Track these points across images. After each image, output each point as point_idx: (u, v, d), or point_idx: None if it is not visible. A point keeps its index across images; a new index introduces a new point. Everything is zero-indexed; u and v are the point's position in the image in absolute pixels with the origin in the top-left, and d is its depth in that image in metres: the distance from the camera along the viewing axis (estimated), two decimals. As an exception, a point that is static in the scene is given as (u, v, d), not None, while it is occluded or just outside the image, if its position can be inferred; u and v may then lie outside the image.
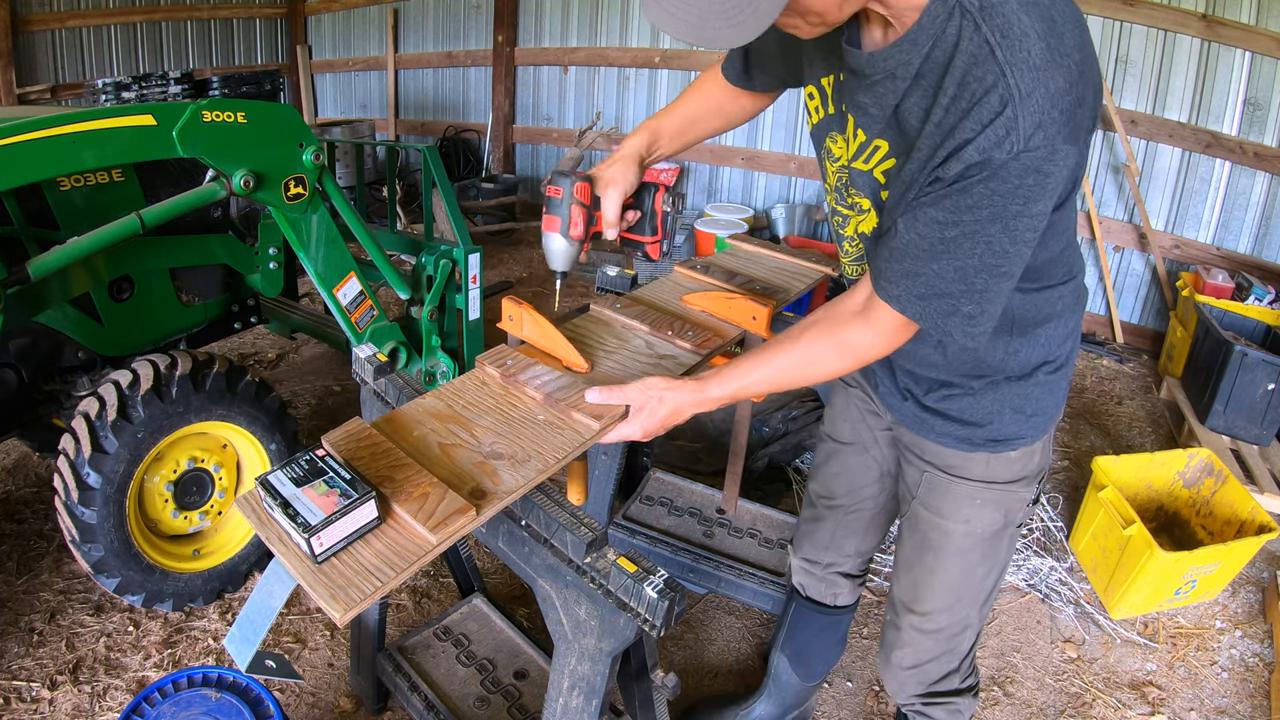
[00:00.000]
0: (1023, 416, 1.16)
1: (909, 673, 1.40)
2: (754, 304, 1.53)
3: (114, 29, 6.00)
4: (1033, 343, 1.12)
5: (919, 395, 1.20)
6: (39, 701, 1.85)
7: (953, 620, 1.33)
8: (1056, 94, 0.81)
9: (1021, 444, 1.18)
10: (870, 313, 1.01)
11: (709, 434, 2.94)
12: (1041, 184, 0.83)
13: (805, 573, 1.62)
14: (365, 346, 1.55)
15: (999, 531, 1.25)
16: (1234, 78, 3.81)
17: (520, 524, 1.21)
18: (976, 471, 1.20)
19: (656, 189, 1.30)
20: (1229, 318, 3.34)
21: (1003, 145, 0.82)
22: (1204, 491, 2.58)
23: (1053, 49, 0.81)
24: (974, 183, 0.84)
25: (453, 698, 1.69)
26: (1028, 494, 1.23)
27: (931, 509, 1.26)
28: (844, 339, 1.05)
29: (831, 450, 1.49)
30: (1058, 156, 0.82)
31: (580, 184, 1.19)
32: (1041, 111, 0.81)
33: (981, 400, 1.15)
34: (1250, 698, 2.09)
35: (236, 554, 2.17)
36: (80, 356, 2.15)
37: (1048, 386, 1.16)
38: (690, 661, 2.09)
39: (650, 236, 1.30)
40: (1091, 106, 0.87)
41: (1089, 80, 0.85)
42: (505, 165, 6.24)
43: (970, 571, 1.29)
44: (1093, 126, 0.88)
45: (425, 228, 2.83)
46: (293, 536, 0.95)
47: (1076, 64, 0.82)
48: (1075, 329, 1.18)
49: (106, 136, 1.71)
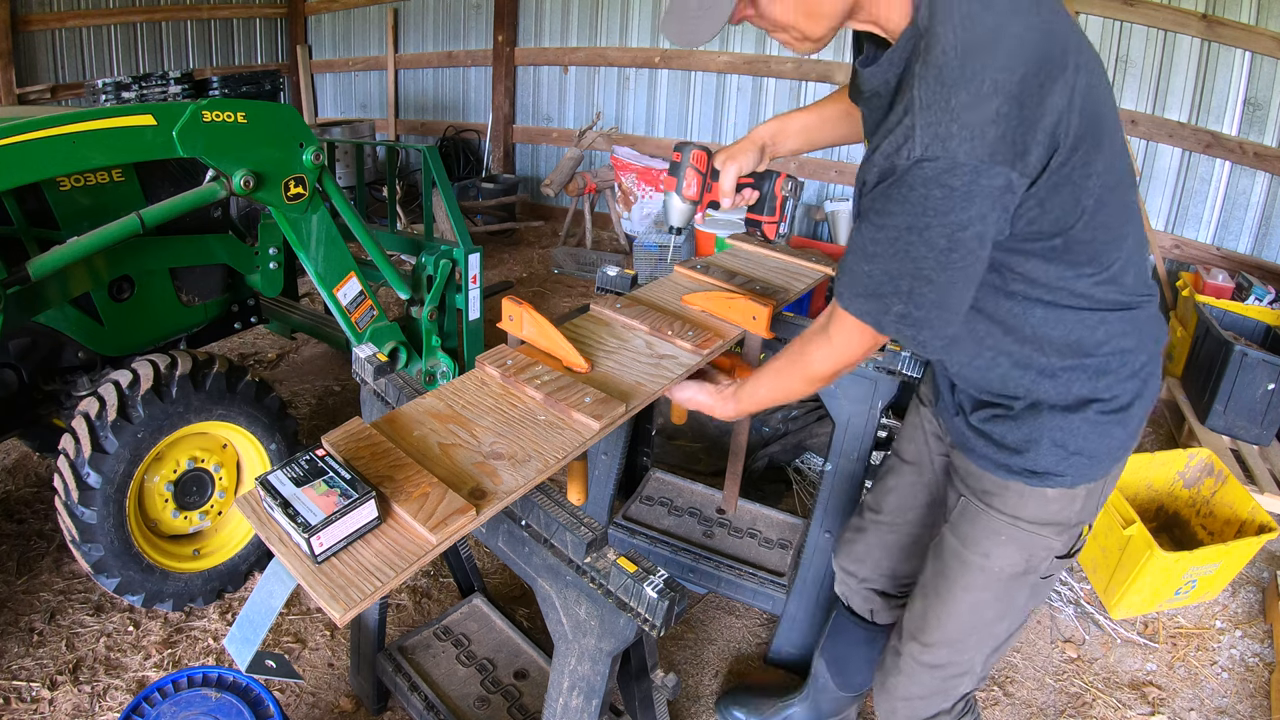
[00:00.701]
0: (1064, 452, 1.10)
1: (901, 703, 1.36)
2: (754, 304, 1.53)
3: (114, 29, 6.00)
4: (1077, 371, 1.07)
5: (968, 413, 1.19)
6: (39, 701, 1.85)
7: (954, 659, 1.28)
8: (960, 109, 0.82)
9: (1060, 483, 1.11)
10: (830, 320, 1.09)
11: (709, 434, 2.94)
12: (949, 198, 0.85)
13: (844, 584, 1.59)
14: (365, 346, 1.55)
15: (1018, 576, 1.19)
16: (1234, 78, 3.81)
17: (520, 524, 1.21)
18: (1009, 504, 1.15)
19: (778, 175, 1.41)
20: (1229, 318, 3.34)
21: (900, 152, 0.86)
22: (1204, 491, 2.58)
23: (967, 67, 0.83)
24: (888, 188, 0.89)
25: (453, 698, 1.69)
26: (1056, 543, 1.16)
27: (958, 536, 1.23)
28: (805, 357, 1.14)
29: (892, 466, 1.47)
30: (962, 171, 0.83)
31: (697, 152, 1.33)
32: (939, 124, 0.83)
33: (1021, 426, 1.11)
34: (1250, 698, 2.09)
35: (236, 554, 2.17)
36: (80, 356, 2.15)
37: (1099, 427, 1.08)
38: (690, 661, 2.09)
39: (769, 217, 1.42)
40: (1051, 127, 0.85)
41: (1041, 103, 0.84)
42: (505, 165, 6.24)
43: (979, 611, 1.24)
44: (1054, 147, 0.87)
45: (425, 228, 2.83)
46: (293, 536, 0.95)
47: (1016, 85, 0.83)
48: (1145, 371, 1.10)
49: (106, 136, 1.71)
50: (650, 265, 4.56)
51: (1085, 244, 0.97)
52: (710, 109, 5.35)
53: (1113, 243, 1.00)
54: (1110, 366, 1.07)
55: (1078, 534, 1.20)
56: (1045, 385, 1.09)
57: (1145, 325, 1.09)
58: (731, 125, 5.31)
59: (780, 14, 0.96)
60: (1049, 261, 0.99)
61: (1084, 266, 1.00)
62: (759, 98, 5.15)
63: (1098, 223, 0.96)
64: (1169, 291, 4.09)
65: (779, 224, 1.43)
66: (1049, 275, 1.00)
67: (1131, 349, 1.08)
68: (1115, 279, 1.03)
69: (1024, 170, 0.86)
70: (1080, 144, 0.89)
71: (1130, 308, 1.07)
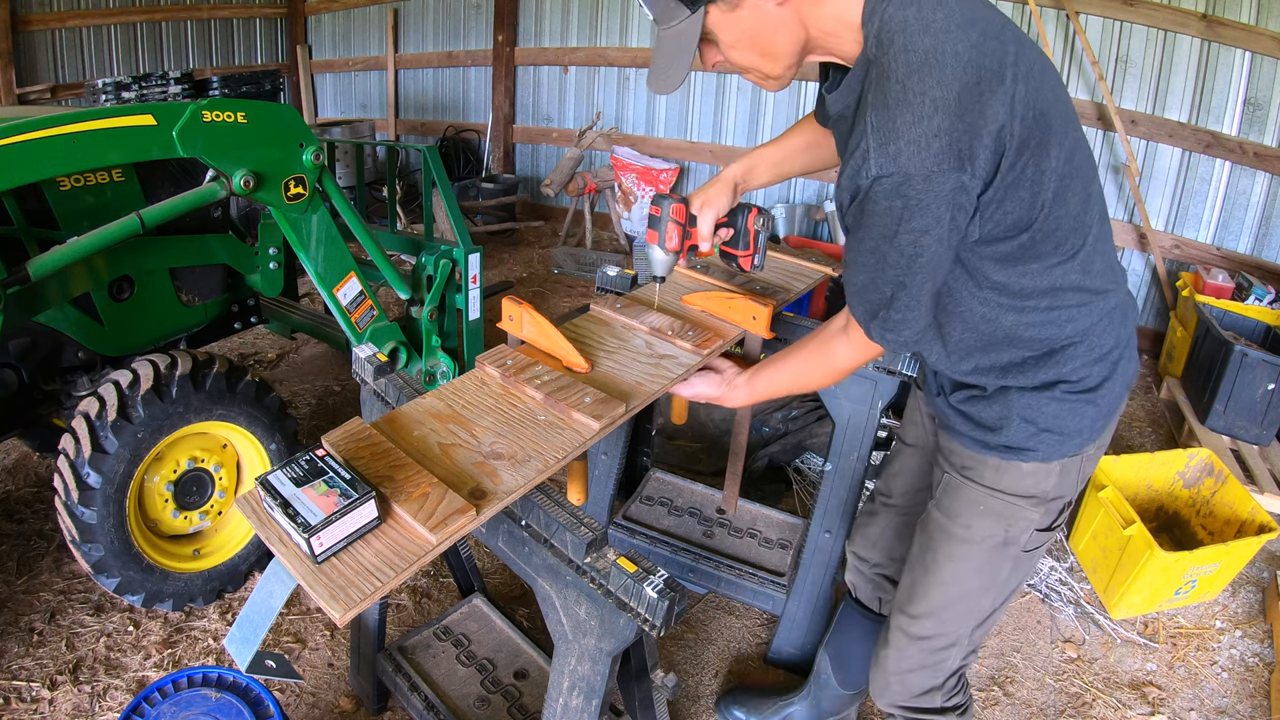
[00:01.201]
0: (1033, 428, 1.16)
1: (893, 677, 1.40)
2: (754, 304, 1.53)
3: (114, 29, 6.00)
4: (1043, 360, 1.14)
5: (948, 394, 1.26)
6: (39, 701, 1.85)
7: (940, 630, 1.33)
8: (904, 128, 0.91)
9: (1033, 457, 1.18)
10: (848, 322, 1.18)
11: (709, 434, 2.94)
12: (908, 207, 0.94)
13: (856, 571, 1.64)
14: (365, 346, 1.55)
15: (999, 548, 1.25)
16: (1234, 78, 3.81)
17: (520, 524, 1.21)
18: (987, 477, 1.22)
19: (750, 210, 1.47)
20: (1229, 318, 3.34)
21: (860, 173, 0.96)
22: (1204, 491, 2.58)
23: (909, 89, 0.92)
24: (858, 206, 0.99)
25: (453, 698, 1.69)
26: (1034, 514, 1.22)
27: (942, 509, 1.29)
28: (827, 350, 1.23)
29: (897, 450, 1.55)
30: (914, 182, 0.93)
31: (676, 205, 1.40)
32: (889, 144, 0.92)
33: (993, 406, 1.18)
34: (1250, 698, 2.09)
35: (236, 554, 2.17)
36: (80, 356, 2.15)
37: (1067, 406, 1.15)
38: (690, 661, 2.09)
39: (744, 250, 1.49)
40: (995, 132, 0.93)
41: (982, 113, 0.92)
42: (505, 165, 6.24)
43: (961, 581, 1.29)
44: (1000, 150, 0.95)
45: (425, 228, 2.83)
46: (293, 536, 0.95)
47: (954, 100, 0.91)
48: (1115, 355, 1.16)
49: (106, 136, 1.71)
50: (650, 265, 4.56)
51: (1050, 234, 1.04)
52: (710, 109, 5.36)
53: (1076, 229, 1.06)
54: (1076, 353, 1.14)
55: (1057, 508, 1.24)
56: (1013, 374, 1.16)
57: (1114, 312, 1.15)
58: (731, 125, 5.31)
59: (740, 58, 1.08)
60: (1019, 262, 1.06)
61: (1051, 256, 1.07)
62: (758, 97, 5.15)
63: (1060, 212, 1.03)
64: (1169, 291, 4.09)
65: (753, 256, 1.50)
66: (1020, 280, 1.08)
67: (1099, 335, 1.14)
68: (1084, 266, 1.09)
69: (974, 172, 0.94)
70: (1025, 147, 0.96)
71: (1099, 292, 1.13)
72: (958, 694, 1.41)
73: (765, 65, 1.08)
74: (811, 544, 1.91)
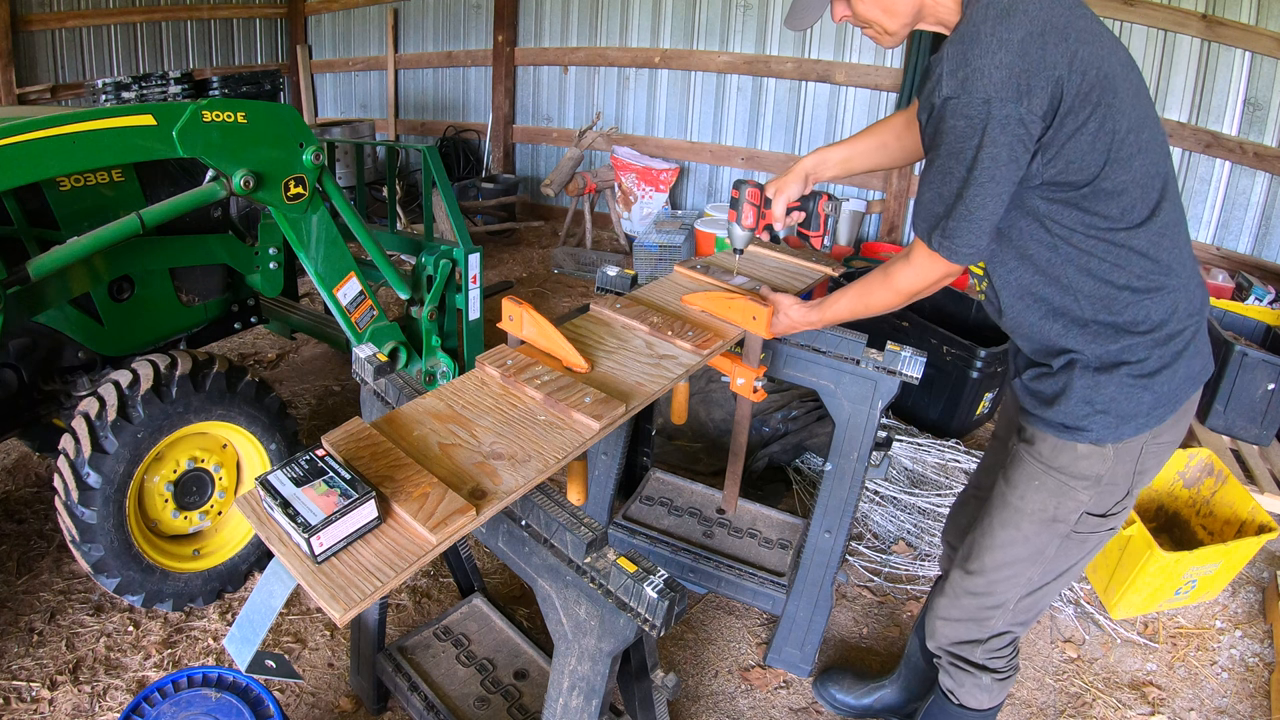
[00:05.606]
0: (1090, 408, 1.23)
1: (940, 622, 1.51)
2: (754, 304, 1.53)
3: (114, 29, 6.00)
4: (1105, 327, 1.21)
5: (1022, 373, 1.35)
6: (39, 701, 1.85)
7: (989, 590, 1.41)
8: (972, 59, 1.07)
9: (1087, 438, 1.24)
10: (912, 246, 1.30)
11: (709, 434, 2.94)
12: (970, 125, 1.08)
13: (947, 558, 1.73)
14: (365, 346, 1.55)
15: (1046, 523, 1.32)
16: (1234, 78, 3.81)
17: (520, 524, 1.21)
18: (1045, 454, 1.30)
19: (820, 196, 1.70)
20: (1229, 318, 3.34)
21: (934, 93, 1.12)
22: (1204, 491, 2.58)
23: (981, 31, 1.07)
24: (932, 125, 1.14)
25: (453, 698, 1.69)
26: (1084, 496, 1.28)
27: (1005, 480, 1.37)
28: (890, 273, 1.34)
29: (990, 444, 1.64)
30: (975, 104, 1.07)
31: (752, 190, 1.61)
32: (958, 71, 1.08)
33: (1057, 380, 1.27)
34: (1250, 698, 2.09)
35: (236, 554, 2.17)
36: (80, 356, 2.15)
37: (1125, 389, 1.22)
38: (690, 661, 2.09)
39: (815, 231, 1.73)
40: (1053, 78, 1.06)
41: (1042, 57, 1.06)
42: (505, 165, 6.24)
43: (1010, 548, 1.36)
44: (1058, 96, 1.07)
45: (425, 228, 2.83)
46: (293, 536, 0.95)
47: (1018, 42, 1.06)
48: (1175, 344, 1.21)
49: (106, 136, 1.71)
50: (650, 265, 4.56)
51: (1112, 194, 1.13)
52: (710, 109, 5.35)
53: (1142, 199, 1.15)
54: (1138, 328, 1.20)
55: (1111, 496, 1.29)
56: (1076, 335, 1.23)
57: (1181, 299, 1.21)
58: (731, 125, 5.31)
59: (866, 11, 1.24)
60: (1081, 210, 1.15)
61: (1115, 216, 1.15)
62: (759, 97, 5.15)
63: (1124, 176, 1.12)
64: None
65: (824, 236, 1.74)
66: (1084, 224, 1.16)
67: (1161, 319, 1.20)
68: (1153, 241, 1.17)
69: (1030, 107, 1.06)
70: (1087, 101, 1.08)
71: (1166, 270, 1.19)
72: (1000, 658, 1.48)
73: (886, 21, 1.24)
74: (811, 544, 1.91)
